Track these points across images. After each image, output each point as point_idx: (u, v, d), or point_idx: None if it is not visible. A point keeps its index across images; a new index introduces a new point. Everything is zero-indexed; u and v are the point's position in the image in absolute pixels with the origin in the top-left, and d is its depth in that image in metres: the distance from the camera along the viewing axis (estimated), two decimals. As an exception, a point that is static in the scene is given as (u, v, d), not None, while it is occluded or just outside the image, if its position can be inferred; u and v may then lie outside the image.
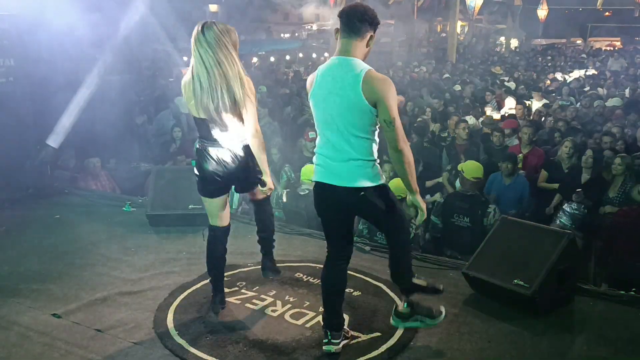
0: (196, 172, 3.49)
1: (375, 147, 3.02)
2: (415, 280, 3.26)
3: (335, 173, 3.01)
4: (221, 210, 3.61)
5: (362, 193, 2.98)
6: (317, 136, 3.13)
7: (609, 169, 5.58)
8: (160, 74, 12.80)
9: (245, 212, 5.89)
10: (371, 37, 3.01)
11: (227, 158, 3.37)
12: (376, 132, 3.00)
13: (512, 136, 7.30)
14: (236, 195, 6.04)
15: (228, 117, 3.26)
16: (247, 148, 3.39)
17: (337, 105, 2.92)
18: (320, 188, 3.11)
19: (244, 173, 3.44)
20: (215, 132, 3.32)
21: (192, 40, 3.20)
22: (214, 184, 3.47)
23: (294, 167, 6.34)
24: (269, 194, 3.66)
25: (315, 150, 3.14)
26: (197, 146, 3.44)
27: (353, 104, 2.88)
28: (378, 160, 3.04)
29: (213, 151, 3.37)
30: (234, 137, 3.34)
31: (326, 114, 2.99)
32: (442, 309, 3.32)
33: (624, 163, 5.40)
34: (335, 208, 3.12)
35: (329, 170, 3.04)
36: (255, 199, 3.74)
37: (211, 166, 3.40)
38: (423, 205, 3.07)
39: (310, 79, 3.11)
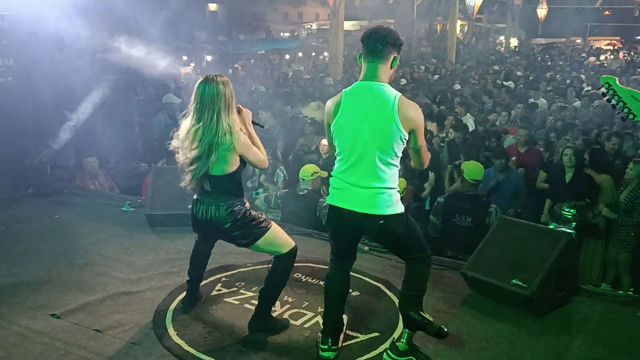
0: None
1: (397, 175, 3.03)
2: (423, 314, 3.17)
3: (356, 199, 2.98)
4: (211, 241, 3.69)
5: (382, 222, 2.97)
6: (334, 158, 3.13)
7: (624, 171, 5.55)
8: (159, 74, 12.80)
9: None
10: (395, 58, 3.00)
11: (207, 215, 3.32)
12: (400, 159, 3.02)
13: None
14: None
15: (211, 178, 3.25)
16: (228, 209, 3.30)
17: (370, 132, 2.90)
18: (337, 212, 3.08)
19: (231, 238, 3.39)
20: (206, 188, 3.32)
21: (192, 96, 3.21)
22: (203, 231, 3.53)
23: (294, 167, 6.35)
24: None
25: (333, 173, 3.11)
26: (194, 197, 3.44)
27: (388, 131, 2.88)
28: (398, 188, 3.05)
29: (202, 204, 3.35)
30: (218, 196, 3.30)
31: (355, 140, 2.95)
32: None
33: (635, 169, 5.36)
34: (350, 231, 3.13)
35: (348, 196, 3.01)
36: None
37: (195, 220, 3.42)
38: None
39: (331, 104, 3.06)
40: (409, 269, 3.17)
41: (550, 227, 4.97)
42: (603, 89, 3.18)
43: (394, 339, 3.34)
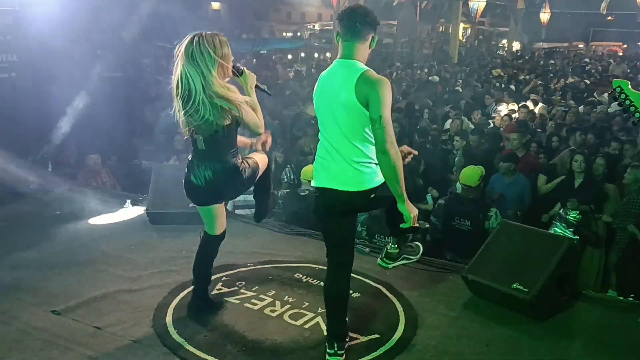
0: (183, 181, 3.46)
1: (374, 150, 2.97)
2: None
3: (338, 177, 2.97)
4: (214, 219, 3.58)
5: (373, 195, 2.96)
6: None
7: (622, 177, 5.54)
8: (162, 71, 12.82)
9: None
10: (372, 38, 3.00)
11: (210, 173, 3.30)
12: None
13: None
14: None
15: (207, 138, 3.23)
16: (230, 166, 3.31)
17: (334, 107, 2.92)
18: (322, 193, 3.07)
19: (228, 188, 3.40)
20: (200, 147, 3.30)
21: (178, 51, 3.16)
22: (200, 194, 3.44)
23: (295, 168, 6.35)
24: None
25: (317, 153, 3.11)
26: (188, 157, 3.43)
27: (347, 104, 2.87)
28: (376, 162, 2.98)
29: (197, 168, 3.32)
30: (216, 153, 3.28)
31: (325, 116, 3.00)
32: (419, 243, 3.60)
33: (633, 174, 5.33)
34: (338, 212, 3.06)
35: (330, 175, 3.01)
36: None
37: (189, 182, 3.38)
38: (412, 213, 2.96)
39: (316, 85, 3.11)
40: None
41: (555, 229, 4.99)
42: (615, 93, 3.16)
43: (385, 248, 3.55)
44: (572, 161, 5.82)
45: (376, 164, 2.94)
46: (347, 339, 3.28)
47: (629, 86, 3.06)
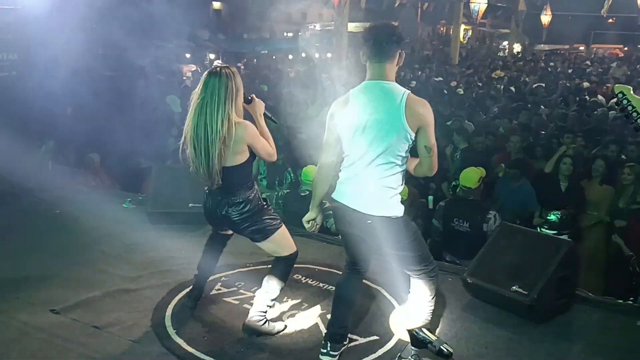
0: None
1: (402, 176, 3.00)
2: (425, 333, 3.15)
3: (359, 198, 2.97)
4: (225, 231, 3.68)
5: (370, 222, 2.95)
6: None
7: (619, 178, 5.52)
8: (161, 71, 12.82)
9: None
10: (400, 54, 2.98)
11: (223, 209, 3.32)
12: (406, 160, 2.99)
13: None
14: None
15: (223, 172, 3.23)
16: (242, 208, 3.31)
17: (376, 130, 2.88)
18: (340, 208, 3.07)
19: (239, 229, 3.40)
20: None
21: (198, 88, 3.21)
22: (214, 222, 3.55)
23: (294, 168, 6.34)
24: None
25: (342, 167, 3.09)
26: (205, 189, 3.44)
27: (394, 128, 2.85)
28: (401, 190, 3.02)
29: (213, 198, 3.36)
30: (231, 192, 3.29)
31: (363, 139, 2.92)
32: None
33: (633, 172, 5.32)
34: (354, 226, 3.06)
35: (352, 194, 3.00)
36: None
37: (207, 212, 3.44)
38: None
39: (339, 103, 3.04)
40: (412, 284, 3.14)
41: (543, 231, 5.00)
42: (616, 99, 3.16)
43: (399, 354, 3.29)
44: (560, 164, 5.81)
45: (397, 194, 2.98)
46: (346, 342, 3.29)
47: (631, 91, 3.05)
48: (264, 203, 3.42)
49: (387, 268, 3.31)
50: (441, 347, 3.15)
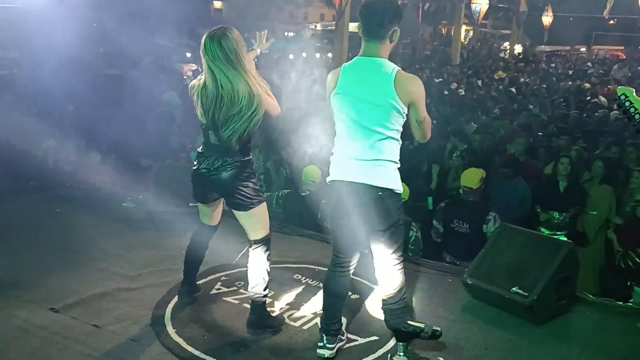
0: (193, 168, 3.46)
1: (398, 150, 3.00)
2: (412, 324, 3.15)
3: (356, 170, 2.97)
4: (211, 212, 3.62)
5: (380, 193, 2.95)
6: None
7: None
8: (163, 70, 12.82)
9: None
10: (394, 31, 2.95)
11: (216, 170, 3.29)
12: (400, 133, 2.99)
13: None
14: None
15: (226, 132, 3.20)
16: (237, 169, 3.29)
17: (368, 106, 2.90)
18: (337, 186, 3.07)
19: (229, 190, 3.36)
20: (213, 141, 3.29)
21: (201, 48, 3.16)
22: (202, 189, 3.48)
23: (297, 166, 6.33)
24: None
25: (333, 149, 3.09)
26: (199, 150, 3.43)
27: (386, 104, 2.86)
28: (399, 165, 3.02)
29: (207, 159, 3.33)
30: (229, 153, 3.27)
31: (354, 114, 2.95)
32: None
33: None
34: (350, 209, 3.04)
35: (348, 168, 3.00)
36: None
37: (202, 172, 3.37)
38: None
39: (331, 77, 3.06)
40: (383, 282, 3.14)
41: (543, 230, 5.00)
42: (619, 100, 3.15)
43: (389, 354, 3.30)
44: (558, 164, 5.81)
45: (395, 168, 3.00)
46: (344, 337, 3.33)
47: (634, 93, 3.05)
48: (254, 173, 3.40)
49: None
50: (433, 330, 3.16)
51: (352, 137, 2.98)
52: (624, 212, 5.43)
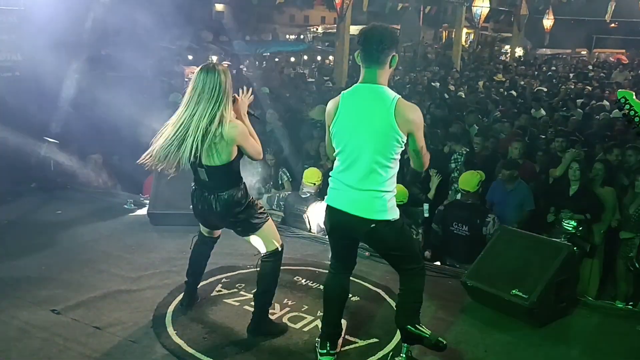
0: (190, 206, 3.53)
1: (395, 179, 3.01)
2: (420, 327, 3.13)
3: (351, 201, 2.98)
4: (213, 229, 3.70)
5: (373, 225, 2.96)
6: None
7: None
8: (165, 72, 12.84)
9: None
10: (393, 57, 2.97)
11: (211, 206, 3.34)
12: (398, 162, 3.00)
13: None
14: None
15: (207, 168, 3.25)
16: (231, 199, 3.32)
17: (367, 134, 2.90)
18: (332, 211, 3.09)
19: (231, 221, 3.41)
20: (203, 178, 3.32)
21: (191, 82, 3.22)
22: (205, 221, 3.59)
23: (297, 169, 6.35)
24: None
25: (332, 173, 3.11)
26: (192, 186, 3.46)
27: (386, 132, 2.87)
28: (395, 192, 3.03)
29: (201, 195, 3.37)
30: (220, 187, 3.31)
31: (353, 142, 2.95)
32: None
33: None
34: (344, 233, 3.12)
35: (344, 197, 3.01)
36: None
37: (196, 208, 3.45)
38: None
39: (331, 105, 3.07)
40: (403, 281, 3.15)
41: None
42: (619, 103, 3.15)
43: (391, 353, 3.31)
44: (567, 168, 5.80)
45: (391, 197, 3.00)
46: (341, 341, 3.33)
47: (634, 97, 3.06)
48: (251, 200, 3.43)
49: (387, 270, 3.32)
50: (437, 340, 3.14)
51: (349, 165, 2.99)
52: (626, 215, 5.42)
